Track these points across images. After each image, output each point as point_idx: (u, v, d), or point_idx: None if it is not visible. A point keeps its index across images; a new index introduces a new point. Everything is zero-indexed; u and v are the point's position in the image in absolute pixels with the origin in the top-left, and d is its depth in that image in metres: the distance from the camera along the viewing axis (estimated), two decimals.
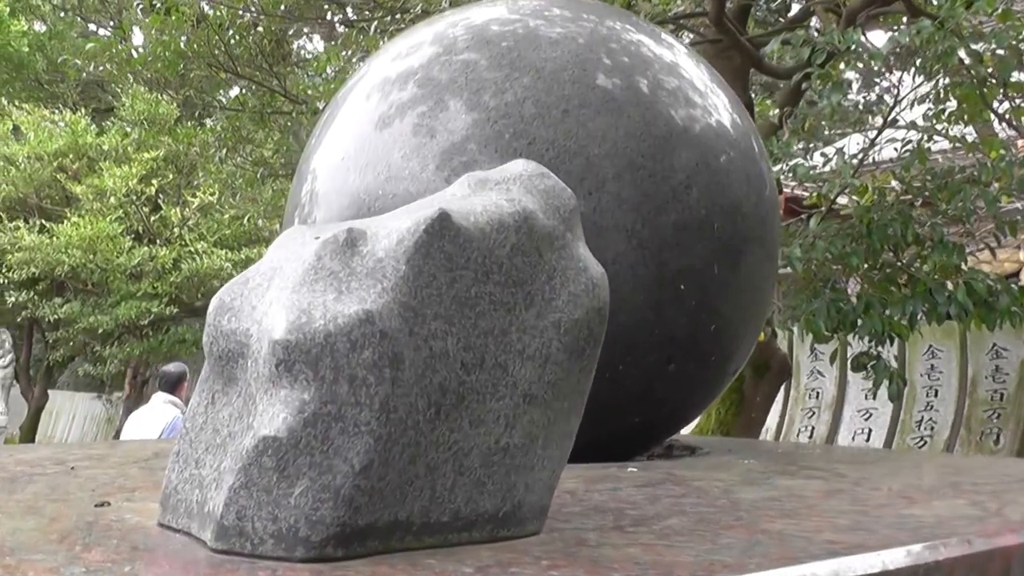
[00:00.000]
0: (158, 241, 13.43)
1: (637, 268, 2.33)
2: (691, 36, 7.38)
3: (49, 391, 17.64)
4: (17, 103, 12.90)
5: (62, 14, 8.38)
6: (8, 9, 12.86)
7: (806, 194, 6.49)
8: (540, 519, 1.35)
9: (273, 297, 1.21)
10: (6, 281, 12.23)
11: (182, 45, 7.50)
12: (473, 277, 1.23)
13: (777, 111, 6.81)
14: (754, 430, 7.12)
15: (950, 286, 5.05)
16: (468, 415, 1.23)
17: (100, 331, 13.24)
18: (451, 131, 2.39)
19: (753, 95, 10.13)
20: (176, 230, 13.46)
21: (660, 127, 2.39)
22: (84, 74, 11.19)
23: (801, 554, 1.21)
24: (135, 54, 8.60)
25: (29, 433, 16.48)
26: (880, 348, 5.29)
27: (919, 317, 5.02)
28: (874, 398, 8.74)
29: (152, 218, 13.37)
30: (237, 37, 8.19)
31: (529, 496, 1.31)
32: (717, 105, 2.62)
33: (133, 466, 2.12)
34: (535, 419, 1.29)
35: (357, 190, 2.46)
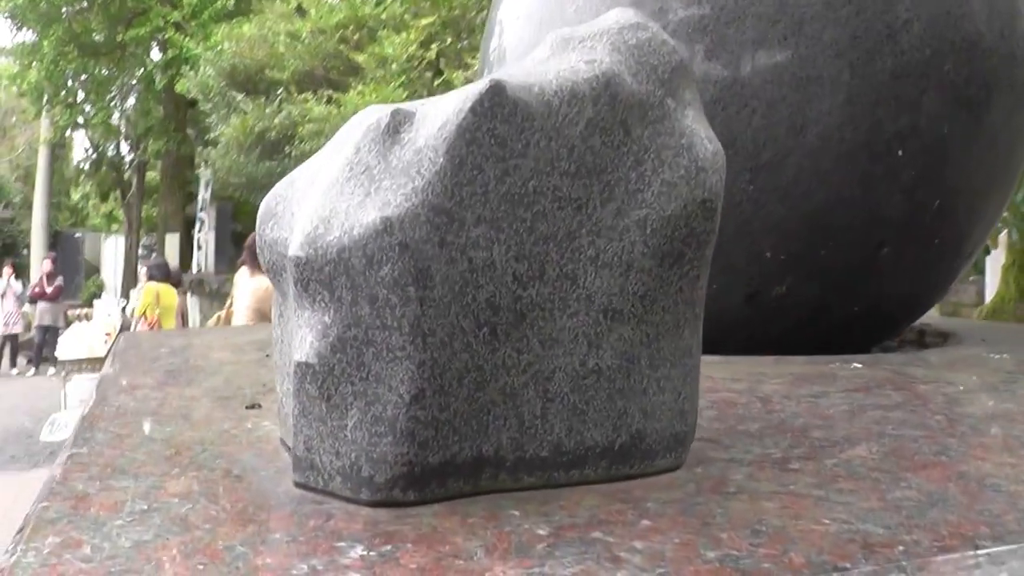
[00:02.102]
0: None
1: (844, 131, 1.97)
2: None
3: None
4: None
5: None
6: None
7: None
8: (676, 450, 1.12)
9: (308, 201, 1.06)
10: (299, 153, 13.01)
11: None
12: (532, 168, 1.00)
13: None
14: None
15: None
16: (536, 334, 1.03)
17: None
18: None
19: None
20: None
21: None
22: None
23: (983, 526, 0.90)
24: None
25: None
26: None
27: None
28: None
29: (436, 82, 13.67)
30: None
31: (652, 424, 1.09)
32: None
33: None
34: (626, 337, 1.07)
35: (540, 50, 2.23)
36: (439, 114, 1.00)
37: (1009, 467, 1.11)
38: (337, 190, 1.02)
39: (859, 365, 1.96)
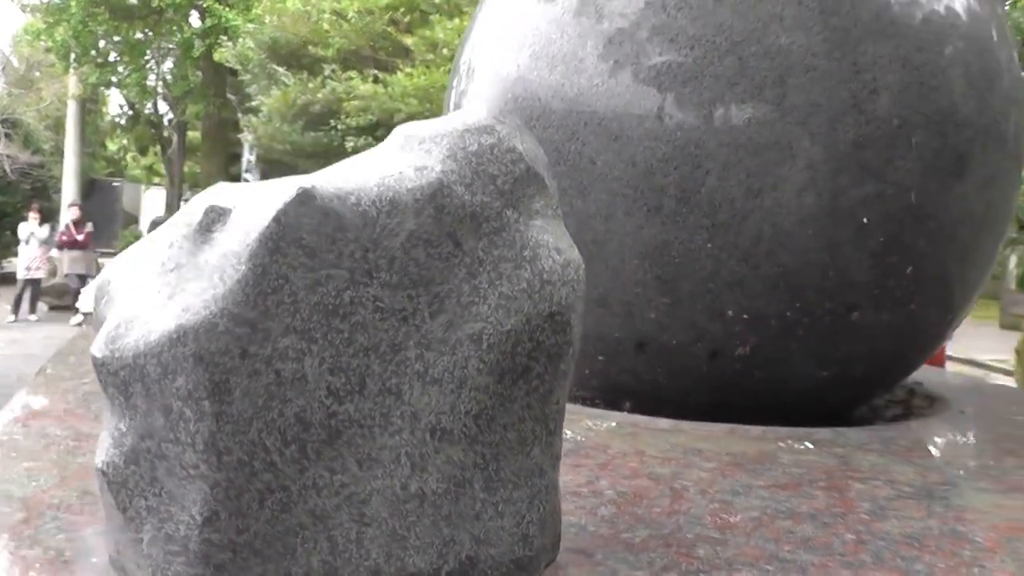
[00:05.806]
0: None
1: (804, 196, 1.87)
2: None
3: None
4: None
5: None
6: None
7: None
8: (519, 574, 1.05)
9: (124, 291, 1.00)
10: (345, 127, 12.92)
11: None
12: (348, 278, 0.94)
13: None
14: None
15: None
16: (352, 453, 0.96)
17: None
18: (622, 14, 2.01)
19: None
20: None
21: (842, 16, 1.85)
22: None
23: None
24: None
25: None
26: None
27: None
28: None
29: None
30: None
31: (486, 550, 1.02)
32: None
33: None
34: (455, 459, 0.99)
35: (509, 72, 2.17)
36: (248, 217, 0.94)
37: None
38: (146, 286, 0.97)
39: (810, 445, 1.86)
